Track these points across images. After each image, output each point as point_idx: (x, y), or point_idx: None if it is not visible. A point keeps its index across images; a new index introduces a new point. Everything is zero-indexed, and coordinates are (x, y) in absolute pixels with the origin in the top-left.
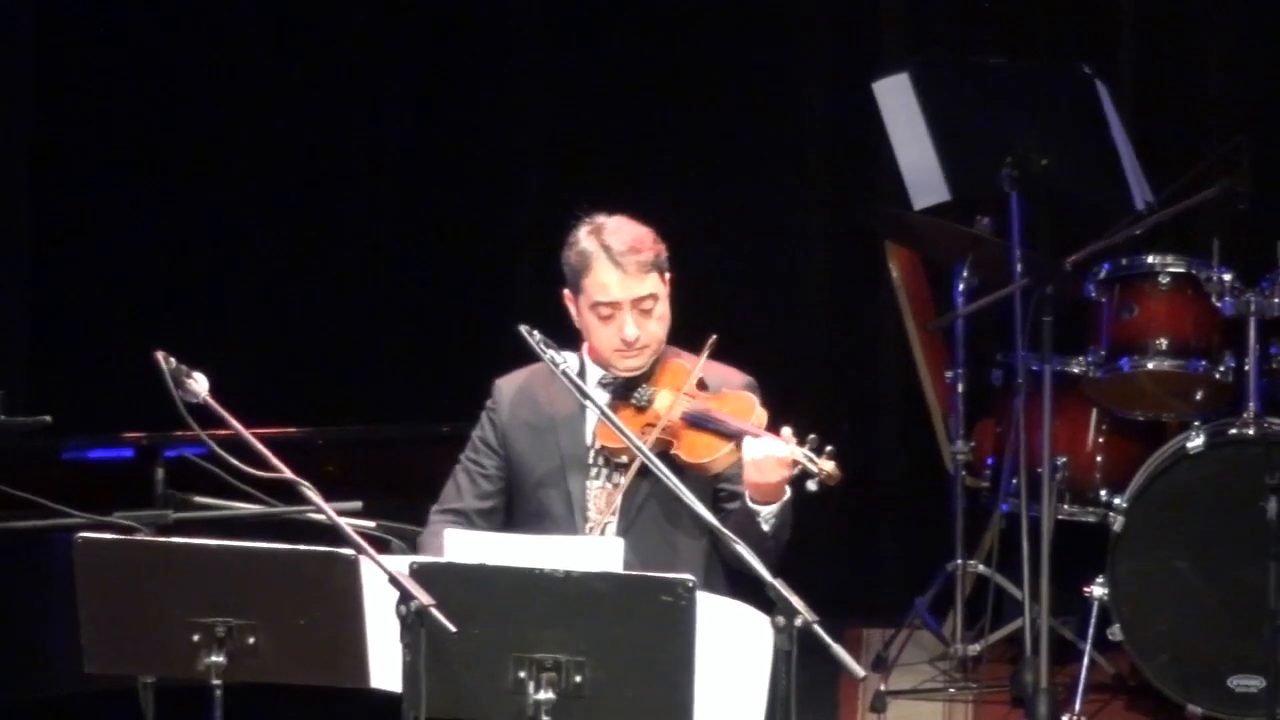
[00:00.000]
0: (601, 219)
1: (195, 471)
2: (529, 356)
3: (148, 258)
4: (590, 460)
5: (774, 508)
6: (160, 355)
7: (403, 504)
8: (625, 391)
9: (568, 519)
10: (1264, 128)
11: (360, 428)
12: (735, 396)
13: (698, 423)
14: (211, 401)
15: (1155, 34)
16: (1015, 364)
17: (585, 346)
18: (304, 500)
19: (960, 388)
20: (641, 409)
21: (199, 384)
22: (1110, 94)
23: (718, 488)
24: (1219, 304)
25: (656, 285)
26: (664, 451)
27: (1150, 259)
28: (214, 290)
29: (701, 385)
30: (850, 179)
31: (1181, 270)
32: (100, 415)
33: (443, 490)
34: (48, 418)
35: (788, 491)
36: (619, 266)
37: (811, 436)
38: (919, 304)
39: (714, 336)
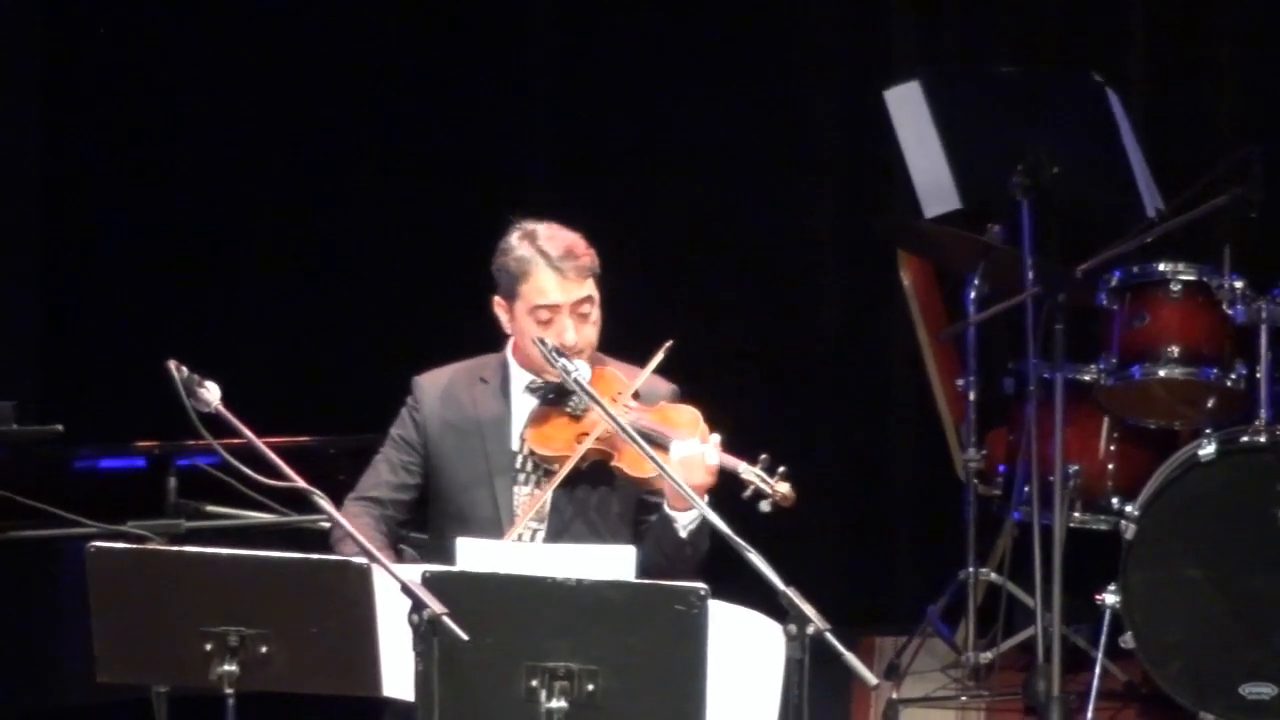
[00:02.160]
0: (531, 225)
1: (207, 481)
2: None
3: (159, 266)
4: (518, 465)
5: (692, 514)
6: (172, 364)
7: (416, 513)
8: (558, 398)
9: (494, 523)
10: (1275, 134)
11: (372, 436)
12: (675, 410)
13: (643, 437)
14: (223, 410)
15: (1166, 41)
16: (1027, 372)
17: (510, 347)
18: (316, 509)
19: (972, 396)
20: (576, 417)
21: (211, 393)
22: (1121, 101)
23: (642, 497)
24: (1230, 312)
25: (592, 289)
26: (602, 463)
27: (1162, 267)
28: (225, 299)
29: (637, 395)
30: (861, 187)
31: (1193, 278)
32: (112, 425)
33: (361, 478)
34: (59, 427)
35: (705, 500)
36: (558, 271)
37: (763, 457)
38: (931, 312)
39: (669, 343)
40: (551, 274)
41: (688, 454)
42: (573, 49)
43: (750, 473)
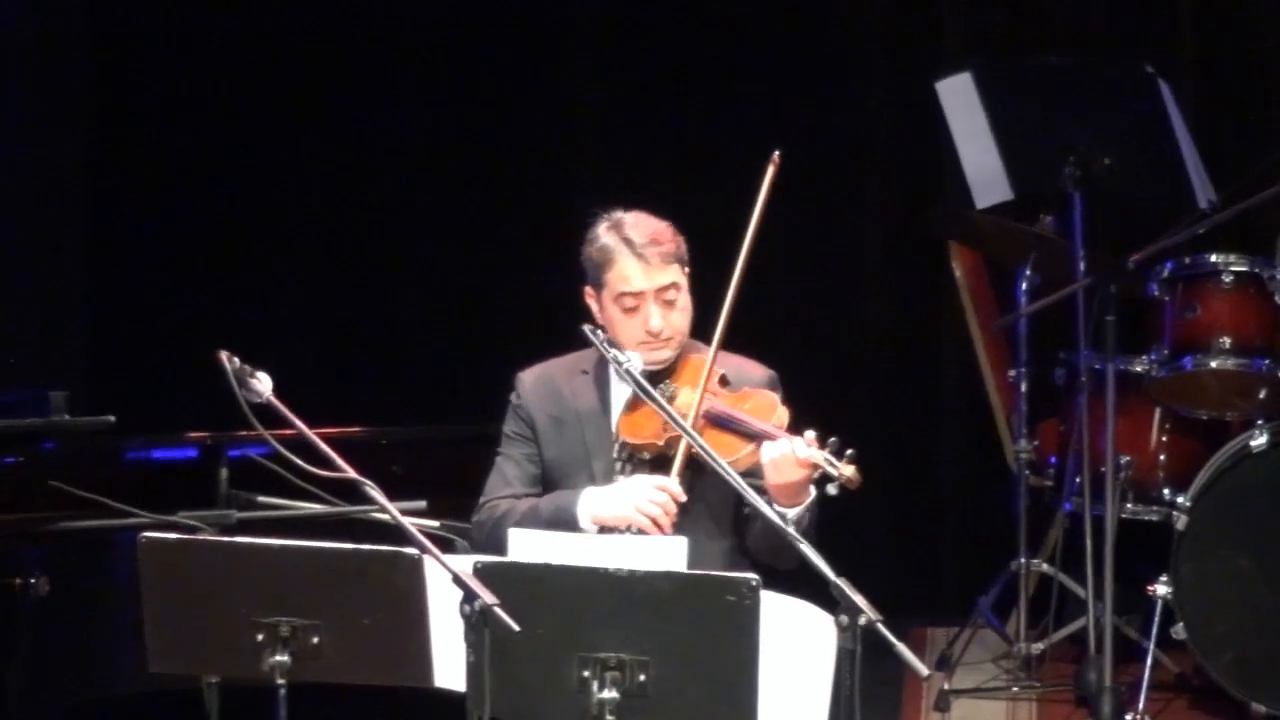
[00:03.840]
0: (619, 214)
1: (259, 471)
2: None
3: (209, 257)
4: (615, 455)
5: (800, 510)
6: (224, 355)
7: (466, 503)
8: (649, 385)
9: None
10: None
11: (424, 427)
12: (757, 396)
13: (720, 423)
14: (275, 401)
15: (1217, 32)
16: (1078, 363)
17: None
18: (368, 500)
19: (1023, 387)
20: None
21: (262, 383)
22: (1173, 92)
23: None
24: None
25: (678, 275)
26: (686, 450)
27: (1213, 258)
28: (277, 289)
29: (724, 381)
30: (913, 179)
31: (1244, 269)
32: (164, 415)
33: (486, 485)
34: (111, 418)
35: (812, 491)
36: (641, 258)
37: (832, 440)
38: (982, 303)
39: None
40: (634, 260)
41: (779, 453)
42: (623, 42)
43: (820, 456)
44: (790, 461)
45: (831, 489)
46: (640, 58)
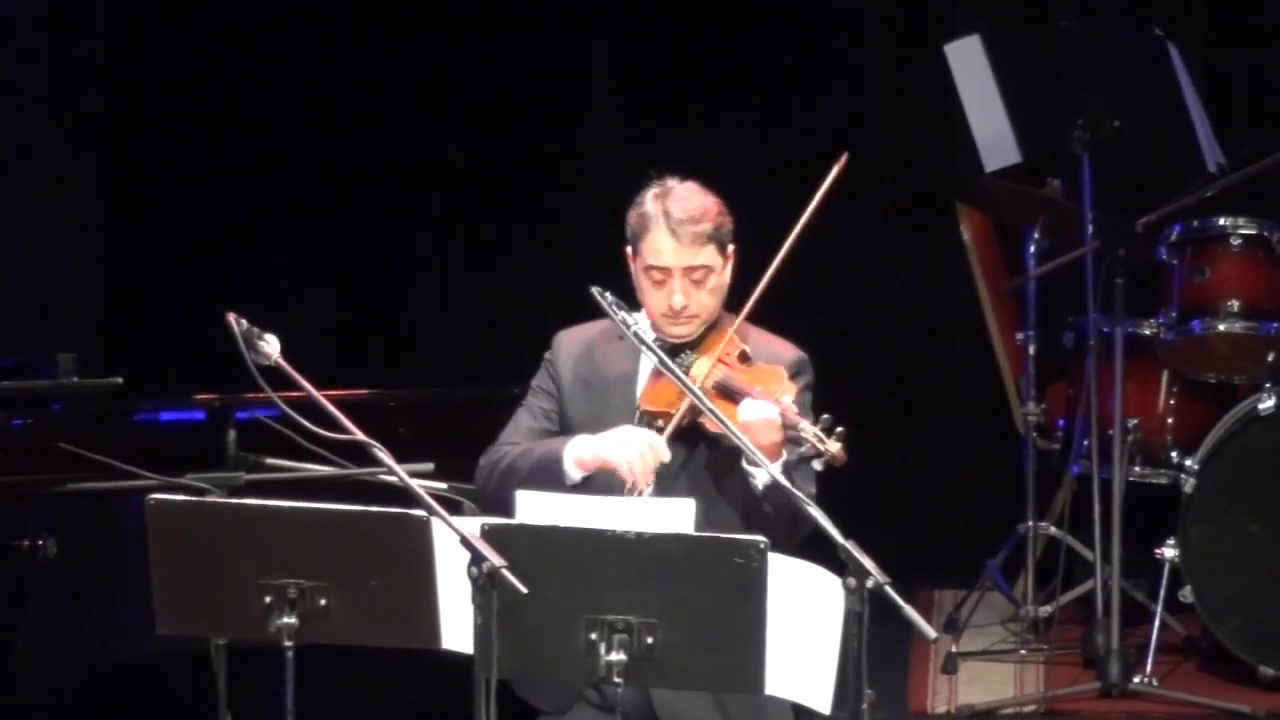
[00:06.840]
0: (671, 183)
1: (267, 433)
2: (600, 317)
3: (218, 219)
4: (635, 422)
5: (765, 473)
6: (232, 317)
7: (473, 466)
8: (671, 356)
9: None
10: None
11: (432, 390)
12: (767, 370)
13: (726, 393)
14: (283, 363)
15: None
16: (1087, 326)
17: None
18: (375, 462)
19: (1032, 350)
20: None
21: (270, 346)
22: (1182, 56)
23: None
24: None
25: (712, 257)
26: (694, 419)
27: (1222, 221)
28: (285, 251)
29: (744, 357)
30: (921, 142)
31: (1253, 232)
32: (172, 377)
33: (503, 432)
34: (119, 380)
35: (784, 457)
36: (674, 234)
37: (825, 416)
38: (990, 267)
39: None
40: (667, 236)
41: (758, 414)
42: (637, 8)
43: (809, 431)
44: (763, 422)
45: (817, 465)
46: (653, 24)
